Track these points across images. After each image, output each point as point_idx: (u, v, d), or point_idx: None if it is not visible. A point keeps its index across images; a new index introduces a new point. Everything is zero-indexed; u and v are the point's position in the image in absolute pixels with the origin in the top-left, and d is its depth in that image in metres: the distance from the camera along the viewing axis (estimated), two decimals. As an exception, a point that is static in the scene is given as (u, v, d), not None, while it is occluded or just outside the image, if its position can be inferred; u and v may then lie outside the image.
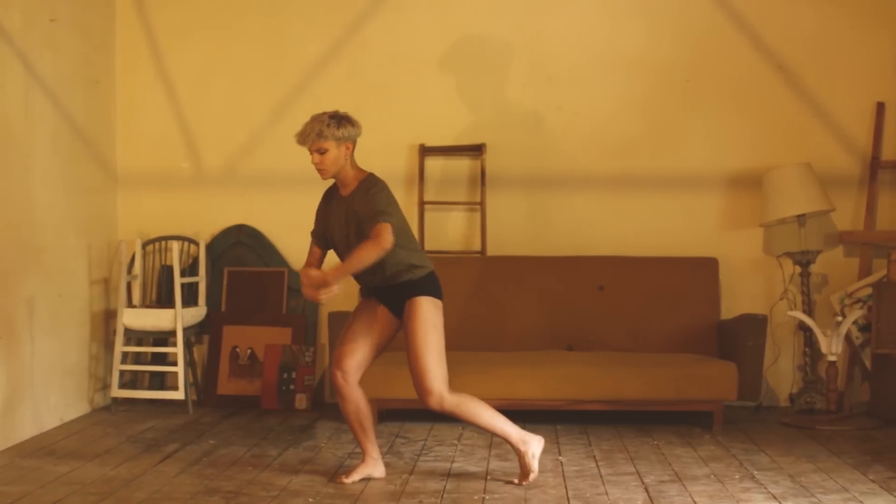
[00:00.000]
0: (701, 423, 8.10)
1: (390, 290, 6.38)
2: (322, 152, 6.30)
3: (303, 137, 6.34)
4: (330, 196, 6.51)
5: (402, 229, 6.30)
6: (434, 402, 6.32)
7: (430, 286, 6.37)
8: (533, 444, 6.43)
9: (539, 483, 6.42)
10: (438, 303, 6.39)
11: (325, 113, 6.36)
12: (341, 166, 6.34)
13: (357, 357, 6.44)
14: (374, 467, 6.50)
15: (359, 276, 6.35)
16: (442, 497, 6.12)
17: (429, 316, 6.31)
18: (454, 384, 7.89)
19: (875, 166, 8.83)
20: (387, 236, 6.13)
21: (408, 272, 6.32)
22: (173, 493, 6.15)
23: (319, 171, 6.36)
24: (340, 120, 6.31)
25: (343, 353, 6.44)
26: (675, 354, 8.41)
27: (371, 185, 6.33)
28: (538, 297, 8.78)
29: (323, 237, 6.49)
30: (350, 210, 6.32)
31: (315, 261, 6.51)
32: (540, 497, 6.14)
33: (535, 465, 6.40)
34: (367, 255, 6.13)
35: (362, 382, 6.51)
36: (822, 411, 8.40)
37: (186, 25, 9.24)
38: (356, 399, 6.46)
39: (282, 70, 9.14)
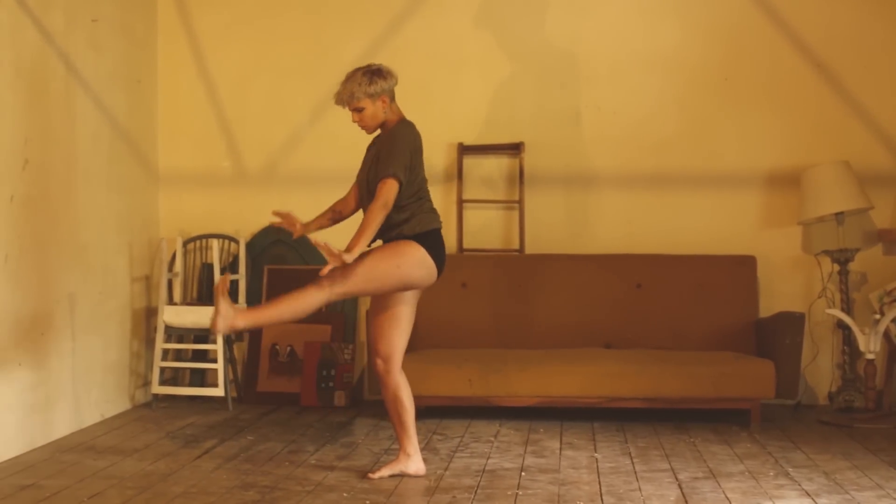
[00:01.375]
0: (738, 421, 8.10)
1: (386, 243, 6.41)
2: (359, 111, 6.39)
3: (339, 98, 6.43)
4: (373, 140, 6.61)
5: (410, 183, 6.30)
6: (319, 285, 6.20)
7: (429, 242, 6.33)
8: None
9: (573, 479, 6.45)
10: (429, 262, 6.30)
11: (358, 69, 6.41)
12: (381, 119, 6.42)
13: (391, 340, 6.42)
14: (406, 464, 6.51)
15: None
16: (475, 493, 6.15)
17: (405, 258, 6.26)
18: (491, 379, 7.98)
19: (914, 164, 8.81)
20: (387, 195, 6.15)
21: (404, 225, 6.32)
22: (210, 488, 6.22)
23: (361, 127, 6.47)
24: (372, 76, 6.35)
25: (376, 338, 6.46)
26: (712, 352, 8.40)
27: (397, 130, 6.38)
28: (576, 295, 8.80)
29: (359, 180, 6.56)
30: (374, 152, 6.44)
31: (346, 200, 6.64)
32: (573, 493, 6.16)
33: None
34: (372, 220, 6.14)
35: (407, 379, 6.52)
36: (860, 409, 8.38)
37: (227, 25, 9.33)
38: (395, 387, 6.45)
39: (321, 70, 9.19)
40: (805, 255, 8.95)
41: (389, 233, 6.35)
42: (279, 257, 9.23)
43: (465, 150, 9.11)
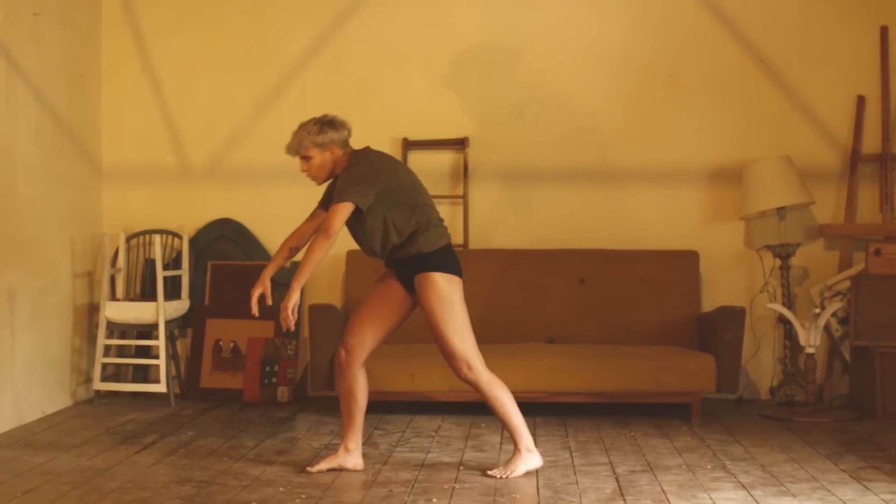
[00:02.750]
0: (680, 416, 8.13)
1: (399, 263, 6.40)
2: (307, 159, 6.37)
3: (288, 148, 6.43)
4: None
5: (394, 203, 6.27)
6: (463, 372, 6.40)
7: (440, 261, 6.33)
8: (532, 457, 6.45)
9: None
10: (453, 278, 6.34)
11: (310, 120, 6.41)
12: (330, 169, 6.39)
13: (362, 335, 6.44)
14: (345, 458, 6.50)
15: (365, 250, 6.43)
16: (413, 487, 6.16)
17: (443, 293, 6.30)
18: (434, 374, 7.98)
19: (855, 159, 8.86)
20: (330, 223, 6.15)
21: (410, 247, 6.31)
22: (146, 483, 6.20)
23: (310, 178, 6.44)
24: (322, 125, 6.35)
25: (349, 329, 6.47)
26: (654, 347, 8.43)
27: (350, 164, 6.35)
28: (520, 290, 8.82)
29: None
30: (330, 193, 6.45)
31: (300, 233, 6.56)
32: (510, 486, 6.18)
33: (519, 471, 6.40)
34: (313, 254, 6.18)
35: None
36: (801, 403, 8.43)
37: (172, 20, 9.29)
38: (351, 380, 6.43)
39: (267, 65, 9.18)
40: (747, 249, 9.00)
41: (398, 252, 6.36)
42: (223, 253, 9.19)
43: (409, 145, 9.11)
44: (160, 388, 8.58)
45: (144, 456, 6.87)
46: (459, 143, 9.10)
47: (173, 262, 9.08)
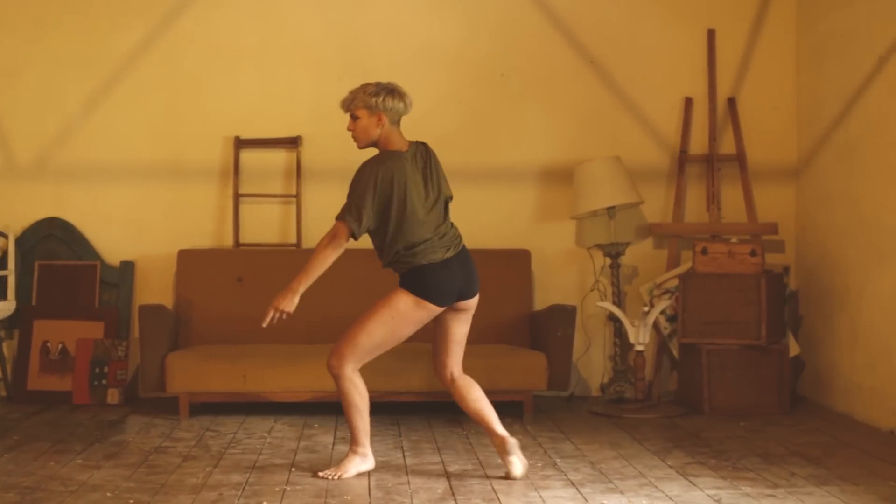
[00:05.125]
0: (512, 413, 8.17)
1: (465, 253, 6.46)
2: (354, 119, 6.31)
3: (341, 103, 6.35)
4: None
5: (392, 219, 6.23)
6: (332, 360, 6.37)
7: (415, 280, 6.27)
8: (365, 461, 6.46)
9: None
10: (416, 300, 6.27)
11: (377, 83, 6.32)
12: (373, 138, 6.32)
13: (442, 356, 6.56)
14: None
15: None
16: (243, 489, 6.10)
17: (397, 304, 6.28)
18: (266, 374, 7.94)
19: (683, 160, 9.03)
20: (334, 236, 6.21)
21: (402, 263, 6.29)
22: (-33, 490, 6.05)
23: (353, 139, 6.38)
24: (380, 90, 6.25)
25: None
26: (487, 345, 8.48)
27: (362, 168, 6.27)
28: (353, 289, 8.78)
29: None
30: (425, 164, 6.45)
31: None
32: (341, 487, 6.16)
33: (350, 472, 6.39)
34: (315, 258, 6.24)
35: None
36: (631, 400, 8.56)
37: (-3, 14, 9.09)
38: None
39: (95, 61, 9.01)
40: (578, 248, 9.12)
41: (395, 266, 6.37)
42: (51, 252, 8.99)
43: (241, 143, 9.03)
44: (-15, 391, 8.38)
45: (-33, 462, 6.71)
46: (292, 142, 9.05)
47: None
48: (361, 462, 6.42)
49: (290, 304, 6.27)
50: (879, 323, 7.86)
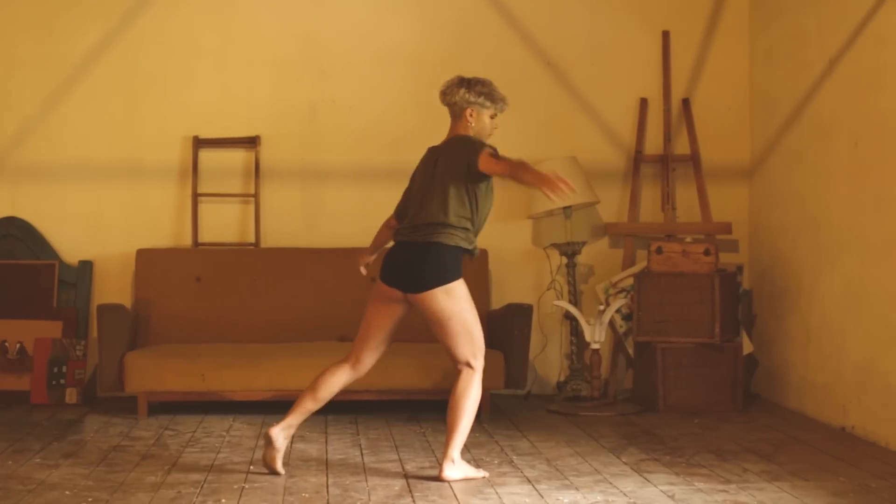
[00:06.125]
0: (469, 412, 8.25)
1: (410, 248, 6.41)
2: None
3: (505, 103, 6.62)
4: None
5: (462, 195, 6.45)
6: (472, 364, 6.49)
7: (445, 269, 6.34)
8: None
9: (300, 472, 6.49)
10: (453, 285, 6.38)
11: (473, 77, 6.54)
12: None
13: (365, 340, 6.63)
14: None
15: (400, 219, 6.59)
16: (202, 488, 6.14)
17: (447, 306, 6.38)
18: (224, 374, 7.98)
19: (638, 160, 9.13)
20: (495, 159, 6.35)
21: (438, 233, 6.35)
22: (-75, 490, 6.07)
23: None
24: (471, 86, 6.52)
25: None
26: (444, 344, 8.53)
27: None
28: (311, 289, 8.84)
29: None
30: (434, 158, 6.67)
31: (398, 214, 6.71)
32: (300, 485, 6.21)
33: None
34: (515, 166, 6.29)
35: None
36: (586, 398, 8.64)
37: (-49, 12, 9.07)
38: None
39: (53, 60, 9.01)
40: (535, 248, 9.20)
41: (416, 234, 6.42)
42: (8, 252, 8.98)
43: (200, 143, 9.06)
44: (-58, 391, 8.38)
45: (-75, 462, 6.72)
46: (251, 142, 9.09)
47: (-44, 262, 8.88)
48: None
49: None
50: (831, 322, 7.97)
